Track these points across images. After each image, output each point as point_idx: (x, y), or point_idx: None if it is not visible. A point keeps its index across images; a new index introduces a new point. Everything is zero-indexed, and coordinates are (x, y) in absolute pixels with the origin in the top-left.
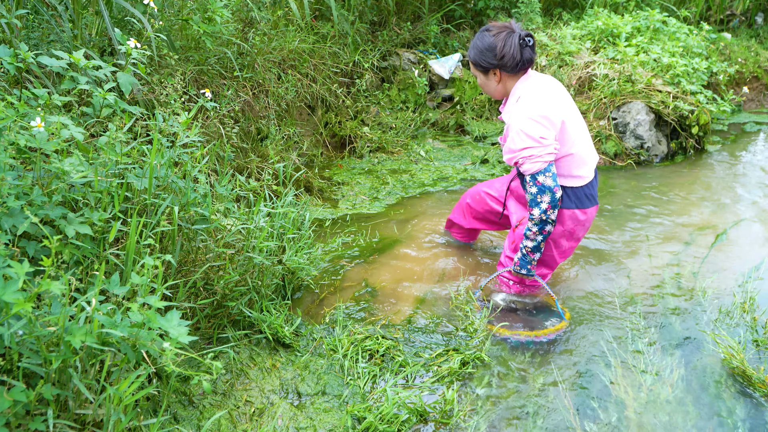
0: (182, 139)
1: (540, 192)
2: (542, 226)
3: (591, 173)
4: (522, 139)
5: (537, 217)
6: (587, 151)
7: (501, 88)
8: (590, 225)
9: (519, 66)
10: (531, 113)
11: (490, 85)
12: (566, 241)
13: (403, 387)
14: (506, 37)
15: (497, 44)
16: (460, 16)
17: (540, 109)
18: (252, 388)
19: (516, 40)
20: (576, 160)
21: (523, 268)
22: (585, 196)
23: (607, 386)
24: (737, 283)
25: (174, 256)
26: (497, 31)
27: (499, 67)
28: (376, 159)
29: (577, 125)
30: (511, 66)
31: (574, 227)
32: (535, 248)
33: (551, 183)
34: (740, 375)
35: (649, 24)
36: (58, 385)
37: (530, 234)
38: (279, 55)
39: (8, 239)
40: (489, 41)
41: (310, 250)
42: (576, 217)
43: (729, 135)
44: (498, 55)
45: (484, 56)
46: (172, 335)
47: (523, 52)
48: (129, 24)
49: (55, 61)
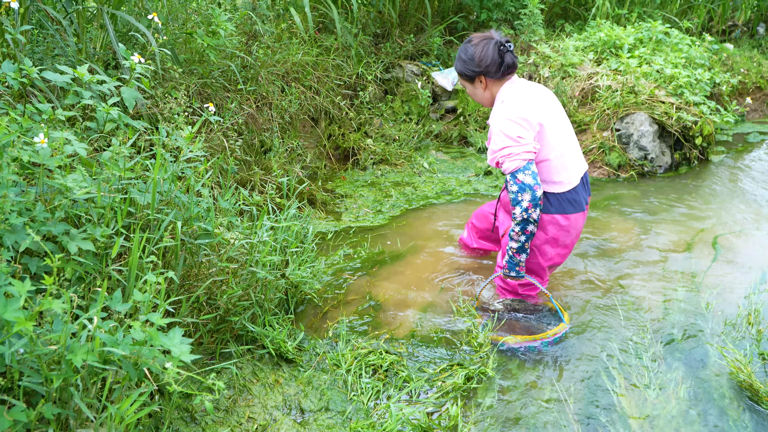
0: (186, 154)
1: (520, 190)
2: (524, 225)
3: (574, 180)
4: (501, 139)
5: (519, 215)
6: (570, 157)
7: (488, 95)
8: (578, 232)
9: (501, 71)
10: (510, 114)
11: (477, 93)
12: (551, 247)
13: (407, 403)
14: (486, 44)
15: (478, 52)
16: (462, 28)
17: (518, 110)
18: (255, 404)
19: (495, 47)
20: (555, 166)
21: (512, 271)
22: (567, 201)
23: (612, 400)
24: (741, 294)
25: (177, 272)
26: (477, 41)
27: (482, 73)
28: (379, 171)
29: (559, 131)
30: (494, 71)
31: (557, 233)
32: (520, 249)
33: (531, 181)
34: (747, 389)
35: (651, 35)
36: (59, 403)
37: (513, 234)
38: (282, 67)
39: (10, 256)
40: (471, 51)
41: (313, 264)
42: (557, 222)
43: (733, 146)
44: (480, 62)
45: (467, 65)
46: (174, 354)
47: (504, 57)
48: (133, 38)
49: (59, 77)
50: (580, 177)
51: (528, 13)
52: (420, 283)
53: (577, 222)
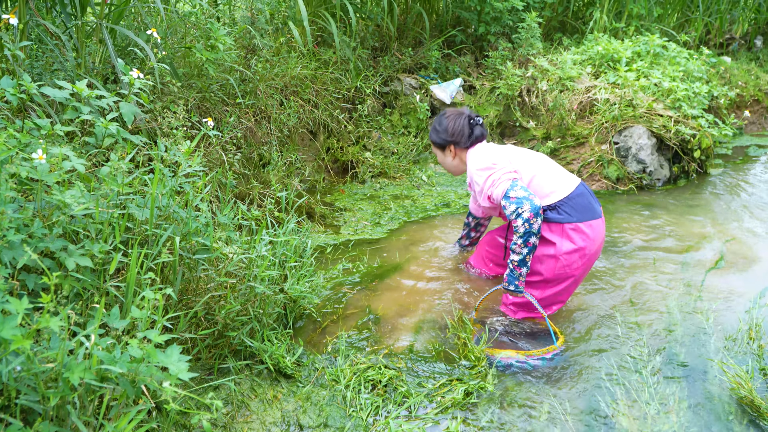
0: (184, 169)
1: (518, 204)
2: (527, 237)
3: (569, 184)
4: (481, 175)
5: (521, 227)
6: (552, 171)
7: (457, 162)
8: (601, 242)
9: (469, 141)
10: (480, 163)
11: (447, 161)
12: (579, 258)
13: (405, 419)
14: (457, 118)
15: (450, 124)
16: (461, 42)
17: (487, 158)
18: (253, 420)
19: (465, 121)
20: (538, 182)
21: (511, 284)
22: (582, 207)
23: (612, 416)
24: (742, 308)
25: (175, 287)
26: (450, 114)
27: (452, 143)
28: (378, 184)
29: (532, 160)
30: (463, 141)
31: (584, 242)
32: (521, 262)
33: (524, 193)
34: (749, 405)
35: (649, 49)
36: (56, 421)
37: (516, 248)
38: (281, 81)
39: (8, 272)
40: (445, 123)
41: (312, 278)
42: (581, 230)
43: (732, 159)
44: (452, 133)
45: (440, 135)
46: (171, 371)
47: (473, 129)
48: (132, 53)
49: (58, 92)
50: (574, 184)
51: (526, 26)
52: (419, 296)
53: (598, 229)
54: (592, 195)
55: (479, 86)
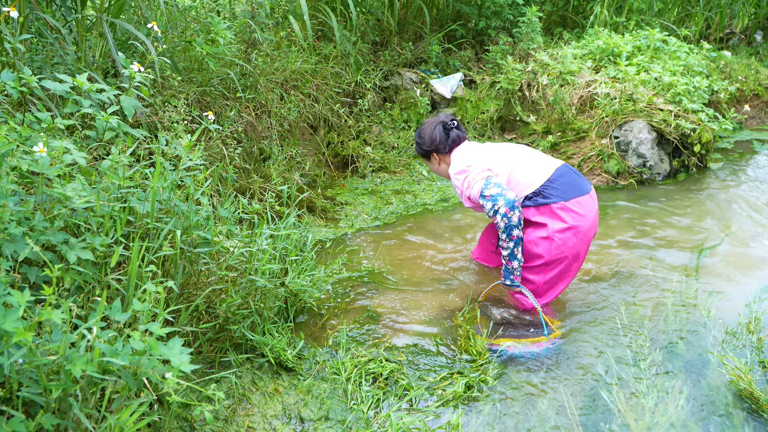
0: (185, 162)
1: (494, 201)
2: (509, 231)
3: (545, 171)
4: (458, 180)
5: (500, 222)
6: (529, 165)
7: (445, 167)
8: (595, 220)
9: (449, 145)
10: (456, 167)
11: (436, 167)
12: (573, 236)
13: (407, 412)
14: (434, 126)
15: (427, 134)
16: (461, 36)
17: (462, 161)
18: (254, 414)
19: (440, 127)
20: (515, 174)
21: (507, 279)
22: (566, 185)
23: (612, 409)
24: (741, 302)
25: (176, 281)
26: (426, 125)
27: (434, 151)
28: (378, 179)
29: (508, 153)
30: (442, 147)
31: (575, 221)
32: (511, 256)
33: (497, 189)
34: (748, 397)
35: (649, 43)
36: (58, 414)
37: (503, 243)
38: (282, 75)
39: (9, 265)
40: (423, 134)
41: (313, 272)
42: (568, 209)
43: (733, 153)
44: (431, 142)
45: (422, 146)
46: (173, 364)
47: (449, 134)
48: (133, 46)
49: (59, 85)
50: (555, 166)
51: (526, 21)
52: (420, 290)
53: (588, 205)
54: (577, 174)
55: (480, 80)
